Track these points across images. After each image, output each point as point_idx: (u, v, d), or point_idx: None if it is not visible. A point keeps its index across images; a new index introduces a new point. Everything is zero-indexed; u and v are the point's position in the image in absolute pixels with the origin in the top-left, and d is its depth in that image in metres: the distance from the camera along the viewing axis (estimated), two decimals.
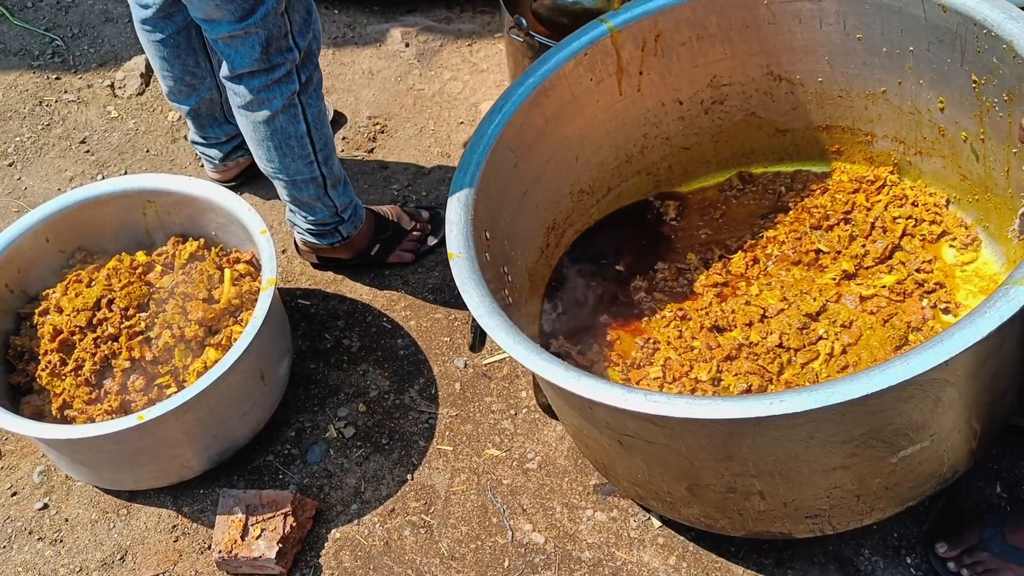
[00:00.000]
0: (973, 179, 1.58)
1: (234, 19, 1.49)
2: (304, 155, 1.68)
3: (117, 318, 1.65)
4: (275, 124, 1.63)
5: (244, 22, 1.49)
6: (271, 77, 1.57)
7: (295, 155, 1.68)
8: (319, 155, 1.70)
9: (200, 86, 1.94)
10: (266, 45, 1.53)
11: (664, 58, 1.66)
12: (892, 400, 1.16)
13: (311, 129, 1.66)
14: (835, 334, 1.52)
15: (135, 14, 1.85)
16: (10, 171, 2.30)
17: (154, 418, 1.47)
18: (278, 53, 1.55)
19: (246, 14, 1.48)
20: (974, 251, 1.59)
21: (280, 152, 1.67)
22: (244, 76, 1.58)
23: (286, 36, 1.55)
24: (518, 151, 1.57)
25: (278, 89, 1.59)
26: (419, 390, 1.82)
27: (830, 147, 1.77)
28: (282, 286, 2.00)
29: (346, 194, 1.82)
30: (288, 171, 1.71)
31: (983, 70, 1.43)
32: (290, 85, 1.60)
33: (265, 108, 1.61)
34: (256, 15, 1.48)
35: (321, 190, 1.75)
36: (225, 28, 1.51)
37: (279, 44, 1.55)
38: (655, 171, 1.82)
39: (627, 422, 1.28)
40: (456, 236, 1.40)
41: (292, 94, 1.60)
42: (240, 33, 1.51)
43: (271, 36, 1.52)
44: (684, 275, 1.69)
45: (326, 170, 1.73)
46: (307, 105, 1.64)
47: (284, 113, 1.62)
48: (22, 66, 2.52)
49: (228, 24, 1.50)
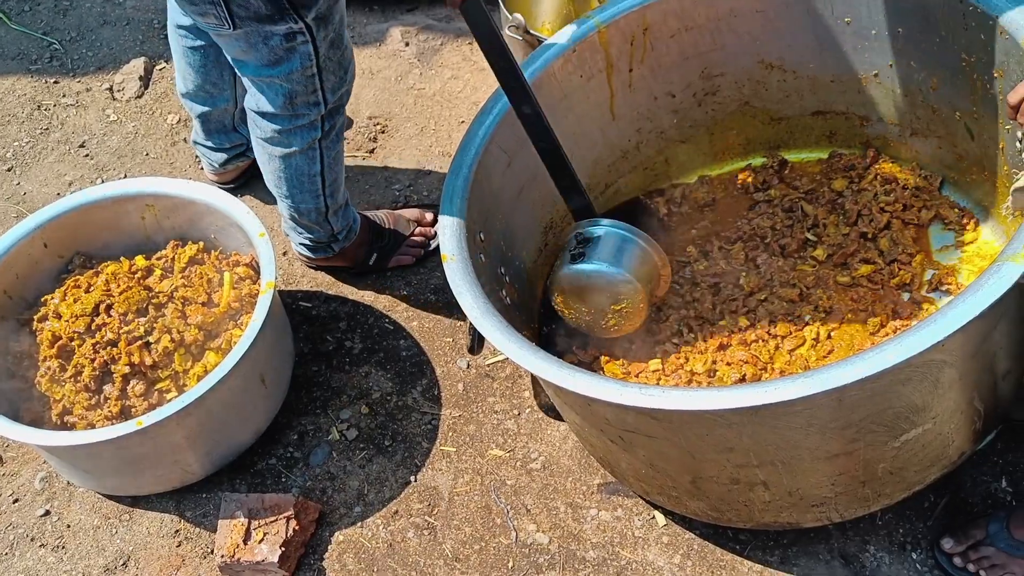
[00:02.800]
0: (969, 158, 1.58)
1: (259, 65, 1.51)
2: (313, 191, 1.72)
3: (116, 323, 1.65)
4: (291, 162, 1.66)
5: (268, 72, 1.51)
6: (294, 123, 1.60)
7: (304, 190, 1.71)
8: (327, 190, 1.73)
9: (218, 96, 1.96)
10: (290, 97, 1.55)
11: (653, 52, 1.66)
12: (890, 383, 1.15)
13: (324, 169, 1.69)
14: (820, 320, 1.53)
15: (172, 17, 1.86)
16: (9, 176, 2.30)
17: (154, 423, 1.47)
18: (304, 106, 1.57)
19: (269, 65, 1.50)
20: (973, 231, 1.58)
21: (290, 184, 1.71)
22: (267, 115, 1.60)
23: (314, 92, 1.56)
24: (511, 151, 1.57)
25: (299, 133, 1.61)
26: (422, 391, 1.81)
27: (825, 132, 1.76)
28: (283, 288, 2.00)
29: (345, 217, 1.84)
30: (294, 200, 1.74)
31: (972, 47, 1.42)
32: (313, 132, 1.62)
33: (284, 147, 1.64)
34: (279, 70, 1.50)
35: (322, 217, 1.79)
36: (251, 71, 1.53)
37: (306, 99, 1.56)
38: (651, 165, 1.81)
39: (626, 417, 1.27)
40: (449, 239, 1.40)
41: (313, 140, 1.63)
42: (265, 79, 1.53)
43: (295, 91, 1.54)
44: (685, 268, 1.68)
45: (331, 201, 1.76)
46: (326, 149, 1.66)
47: (303, 155, 1.65)
48: (20, 70, 2.53)
49: (254, 68, 1.52)
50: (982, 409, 1.32)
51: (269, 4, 1.40)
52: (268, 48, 1.47)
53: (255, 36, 1.45)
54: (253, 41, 1.46)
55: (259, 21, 1.42)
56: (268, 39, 1.46)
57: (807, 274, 1.60)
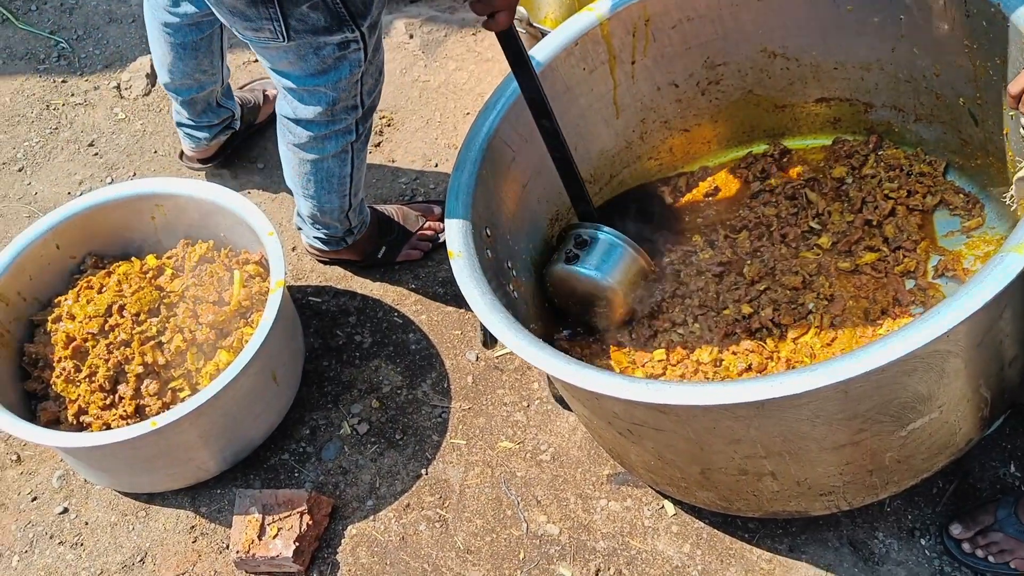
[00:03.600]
0: (974, 144, 1.57)
1: (305, 75, 1.49)
2: (341, 192, 1.73)
3: (128, 324, 1.67)
4: (323, 165, 1.67)
5: (314, 81, 1.50)
6: (331, 128, 1.60)
7: (333, 191, 1.72)
8: (352, 189, 1.75)
9: (207, 82, 1.95)
10: (333, 104, 1.55)
11: (656, 42, 1.65)
12: (895, 374, 1.15)
13: (354, 171, 1.71)
14: (824, 307, 1.53)
15: (157, 17, 1.85)
16: (20, 176, 2.32)
17: (168, 423, 1.49)
18: (344, 111, 1.58)
19: (317, 74, 1.49)
20: (978, 216, 1.58)
21: (319, 186, 1.72)
22: (303, 121, 1.59)
23: (355, 97, 1.56)
24: (515, 145, 1.57)
25: (335, 138, 1.62)
26: (431, 384, 1.82)
27: (830, 119, 1.76)
28: (292, 283, 2.02)
29: (361, 212, 1.86)
30: (320, 200, 1.75)
31: (974, 34, 1.41)
32: (348, 136, 1.63)
33: (316, 152, 1.64)
34: (327, 78, 1.49)
35: (343, 214, 1.80)
36: (295, 81, 1.52)
37: (346, 104, 1.57)
38: (656, 155, 1.81)
39: (634, 411, 1.28)
40: (455, 234, 1.41)
41: (348, 144, 1.64)
42: (309, 89, 1.52)
43: (340, 98, 1.54)
44: (691, 257, 1.68)
45: (353, 200, 1.78)
46: (357, 151, 1.68)
47: (335, 158, 1.66)
48: (28, 70, 2.54)
49: (298, 79, 1.51)
50: (988, 396, 1.32)
51: (329, 16, 1.39)
52: (318, 58, 1.46)
53: (306, 48, 1.44)
54: (303, 53, 1.45)
55: (315, 33, 1.41)
56: (320, 49, 1.44)
57: (809, 262, 1.60)
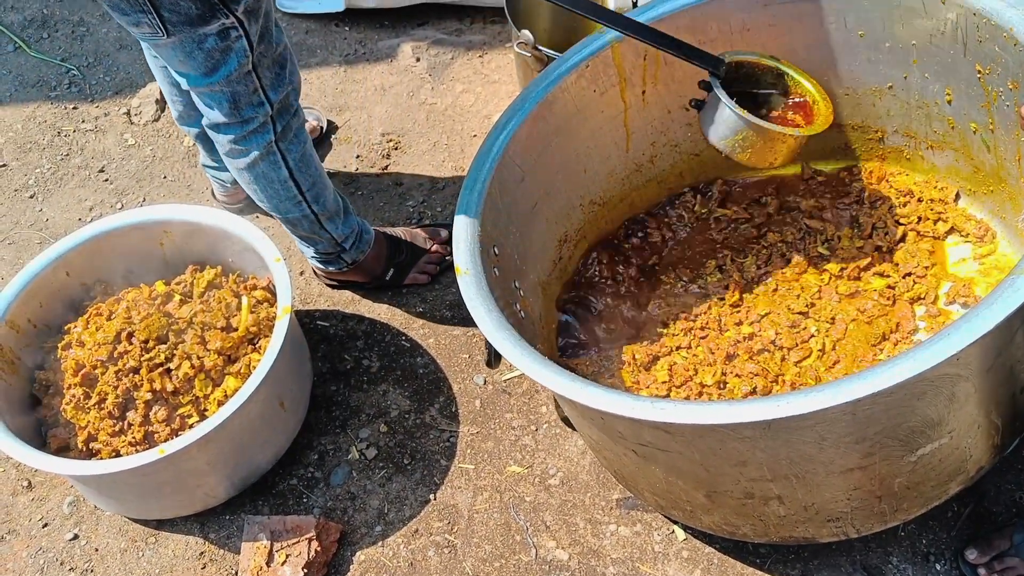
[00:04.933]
0: (986, 170, 1.56)
1: (199, 74, 1.51)
2: (290, 196, 1.71)
3: (137, 351, 1.67)
4: (256, 170, 1.66)
5: (207, 80, 1.51)
6: (245, 129, 1.60)
7: (282, 197, 1.71)
8: (307, 195, 1.72)
9: None
10: (234, 102, 1.55)
11: (667, 66, 1.65)
12: (904, 397, 1.14)
13: (294, 173, 1.68)
14: (825, 331, 1.53)
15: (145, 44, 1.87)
16: (31, 203, 2.34)
17: (176, 451, 1.49)
18: (249, 107, 1.57)
19: (208, 72, 1.50)
20: (991, 243, 1.57)
21: (267, 194, 1.71)
22: (220, 126, 1.61)
23: (256, 92, 1.56)
24: (525, 165, 1.57)
25: (254, 139, 1.62)
26: (439, 408, 1.82)
27: (841, 145, 1.75)
28: (300, 308, 2.02)
29: (346, 224, 1.84)
30: (279, 210, 1.74)
31: (986, 59, 1.41)
32: (265, 135, 1.62)
33: (244, 156, 1.64)
34: (218, 75, 1.50)
35: (316, 225, 1.78)
36: (193, 81, 1.53)
37: (249, 99, 1.56)
38: (666, 179, 1.81)
39: (640, 431, 1.27)
40: (463, 252, 1.40)
41: (269, 143, 1.63)
42: (206, 89, 1.53)
43: (237, 93, 1.54)
44: (697, 280, 1.68)
45: (317, 208, 1.75)
46: (287, 151, 1.66)
47: (264, 160, 1.65)
48: (40, 97, 2.56)
49: (195, 78, 1.52)
50: (1000, 424, 1.31)
51: (199, 3, 1.40)
52: (204, 53, 1.47)
53: (189, 43, 1.45)
54: (189, 49, 1.46)
55: (191, 24, 1.42)
56: (202, 43, 1.45)
57: (812, 285, 1.60)
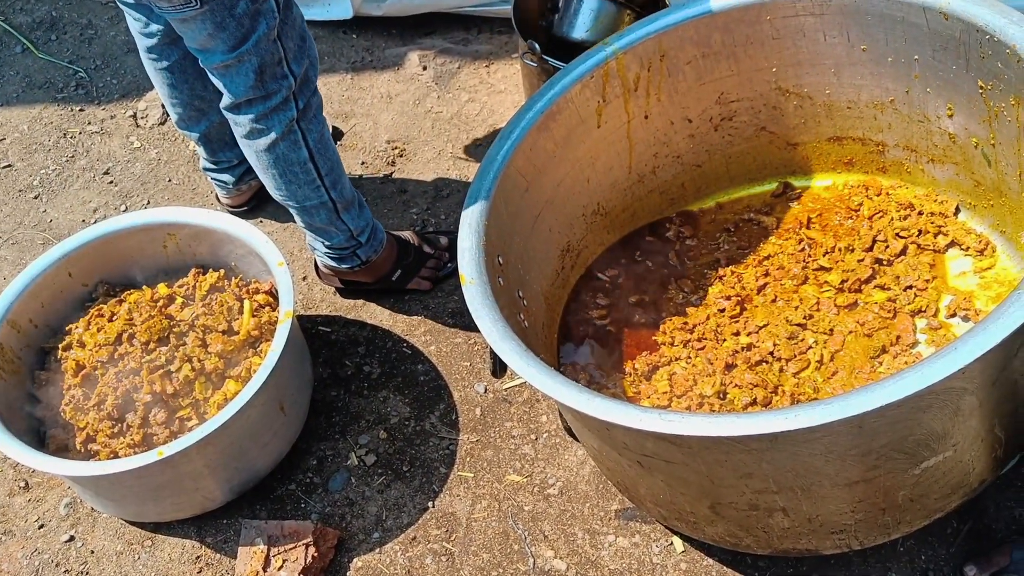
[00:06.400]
0: (987, 184, 1.57)
1: (227, 48, 1.51)
2: (310, 181, 1.70)
3: (138, 352, 1.67)
4: (277, 151, 1.65)
5: (237, 50, 1.51)
6: (268, 105, 1.60)
7: (300, 181, 1.70)
8: (325, 180, 1.71)
9: (209, 110, 1.96)
10: (260, 72, 1.55)
11: (670, 77, 1.66)
12: (910, 410, 1.14)
13: (314, 155, 1.68)
14: (823, 342, 1.53)
15: (140, 44, 1.87)
16: (36, 203, 2.34)
17: (175, 453, 1.49)
18: (273, 80, 1.57)
19: (239, 42, 1.50)
20: (990, 257, 1.57)
21: (285, 179, 1.69)
22: (242, 105, 1.60)
23: (280, 63, 1.57)
24: (529, 175, 1.58)
25: (276, 116, 1.61)
26: (440, 416, 1.82)
27: (843, 159, 1.76)
28: (302, 313, 2.02)
29: (362, 217, 1.83)
30: (296, 197, 1.73)
31: (988, 75, 1.42)
32: (288, 112, 1.62)
33: (265, 136, 1.63)
34: (249, 42, 1.51)
35: (333, 215, 1.76)
36: (219, 57, 1.53)
37: (273, 71, 1.57)
38: (668, 190, 1.82)
39: (645, 442, 1.27)
40: (468, 262, 1.41)
41: (291, 120, 1.62)
42: (234, 62, 1.53)
43: (264, 63, 1.54)
44: (698, 292, 1.68)
45: (335, 194, 1.74)
46: (307, 131, 1.66)
47: (284, 140, 1.64)
48: (47, 99, 2.57)
49: (222, 53, 1.52)
50: (1003, 437, 1.31)
51: None
52: (235, 20, 1.47)
53: (221, 10, 1.45)
54: (220, 18, 1.46)
55: None
56: (233, 8, 1.46)
57: (810, 296, 1.60)
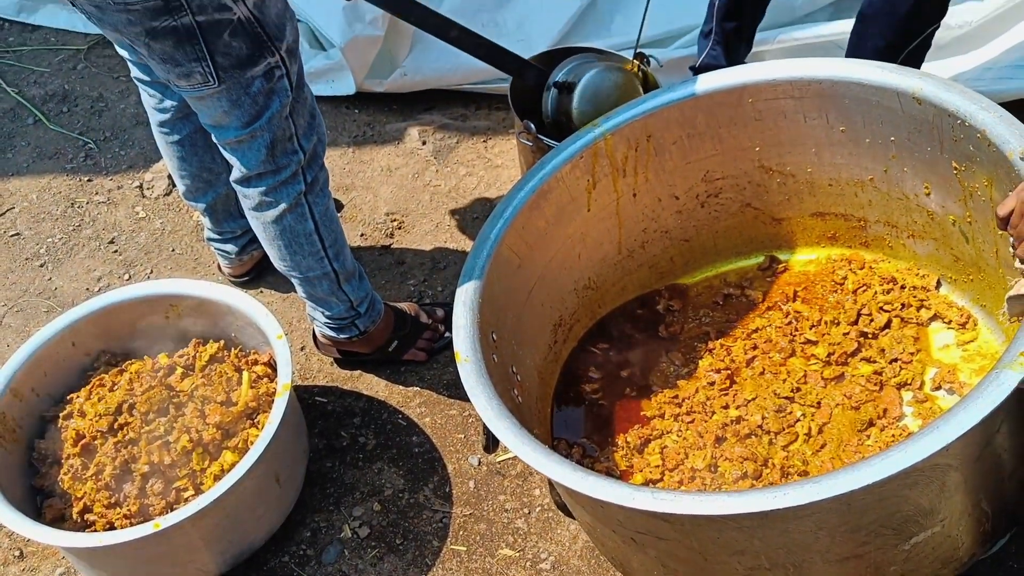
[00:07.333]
0: (966, 260, 1.61)
1: (241, 124, 1.56)
2: (314, 252, 1.75)
3: (138, 423, 1.69)
4: (284, 223, 1.70)
5: (250, 127, 1.57)
6: (277, 179, 1.65)
7: (305, 252, 1.74)
8: (329, 251, 1.76)
9: (217, 182, 2.02)
10: (271, 148, 1.61)
11: (657, 157, 1.72)
12: (897, 487, 1.16)
13: (319, 227, 1.73)
14: (811, 415, 1.56)
15: (153, 119, 1.94)
16: (41, 271, 2.38)
17: (171, 525, 1.50)
18: (283, 155, 1.63)
19: (252, 119, 1.56)
20: (972, 330, 1.61)
21: (291, 250, 1.74)
22: (252, 179, 1.66)
23: (291, 139, 1.62)
24: (521, 253, 1.62)
25: (285, 190, 1.67)
26: (433, 488, 1.83)
27: (826, 233, 1.81)
28: (300, 383, 2.04)
29: (361, 288, 1.87)
30: (300, 268, 1.77)
31: (962, 157, 1.47)
32: (296, 186, 1.67)
33: (273, 208, 1.68)
34: (262, 119, 1.56)
35: (335, 285, 1.81)
36: (233, 133, 1.59)
37: (284, 146, 1.62)
38: (657, 264, 1.86)
39: (638, 519, 1.28)
40: (463, 339, 1.44)
41: (299, 194, 1.68)
42: (247, 137, 1.59)
43: (276, 139, 1.60)
44: (688, 364, 1.71)
45: (337, 265, 1.79)
46: (314, 204, 1.71)
47: (292, 213, 1.69)
48: (56, 169, 2.63)
49: (236, 129, 1.58)
50: (990, 511, 1.32)
51: (249, 42, 1.46)
52: (250, 98, 1.52)
53: (237, 88, 1.50)
54: (235, 96, 1.51)
55: (241, 67, 1.48)
56: (249, 87, 1.51)
57: (797, 369, 1.63)
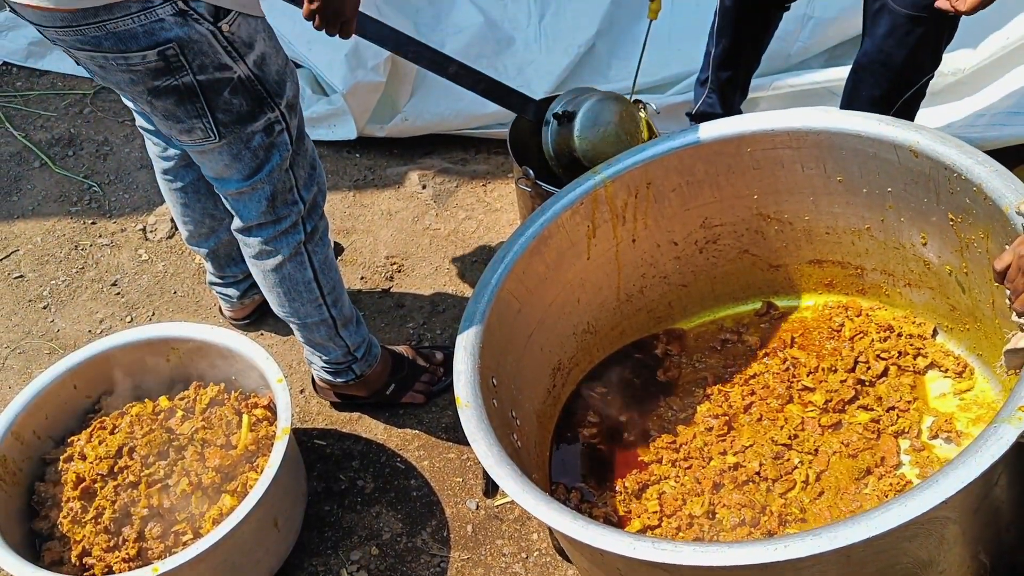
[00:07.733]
0: (962, 309, 1.62)
1: (242, 177, 1.59)
2: (312, 299, 1.77)
3: (138, 466, 1.69)
4: (283, 271, 1.72)
5: (251, 179, 1.59)
6: (277, 228, 1.67)
7: (304, 300, 1.76)
8: (327, 298, 1.78)
9: (219, 228, 2.04)
10: (272, 199, 1.63)
11: (656, 203, 1.74)
12: (896, 540, 1.17)
13: (318, 275, 1.75)
14: (808, 462, 1.56)
15: (157, 166, 1.97)
16: (44, 314, 2.39)
17: (169, 569, 1.49)
18: (284, 206, 1.65)
19: (253, 172, 1.58)
20: (969, 379, 1.62)
21: (289, 297, 1.76)
22: (253, 228, 1.68)
23: (291, 190, 1.65)
24: (521, 298, 1.64)
25: (285, 239, 1.69)
26: (431, 532, 1.82)
27: (823, 280, 1.83)
28: (299, 426, 2.04)
29: (358, 333, 1.89)
30: (299, 314, 1.79)
31: (958, 209, 1.49)
32: (296, 235, 1.69)
33: (273, 257, 1.71)
34: (263, 172, 1.59)
35: (332, 331, 1.83)
36: (234, 185, 1.61)
37: (284, 198, 1.65)
38: (655, 309, 1.87)
39: (638, 568, 1.28)
40: (464, 385, 1.45)
41: (299, 243, 1.70)
42: (248, 189, 1.61)
43: (276, 191, 1.63)
44: (686, 410, 1.72)
45: (335, 312, 1.81)
46: (313, 253, 1.73)
47: (291, 261, 1.71)
48: (61, 212, 2.65)
49: (237, 182, 1.60)
50: (988, 562, 1.32)
51: (249, 98, 1.48)
52: (251, 152, 1.54)
53: (238, 143, 1.52)
54: (236, 150, 1.53)
55: (241, 123, 1.50)
56: (249, 142, 1.53)
57: (795, 416, 1.64)
